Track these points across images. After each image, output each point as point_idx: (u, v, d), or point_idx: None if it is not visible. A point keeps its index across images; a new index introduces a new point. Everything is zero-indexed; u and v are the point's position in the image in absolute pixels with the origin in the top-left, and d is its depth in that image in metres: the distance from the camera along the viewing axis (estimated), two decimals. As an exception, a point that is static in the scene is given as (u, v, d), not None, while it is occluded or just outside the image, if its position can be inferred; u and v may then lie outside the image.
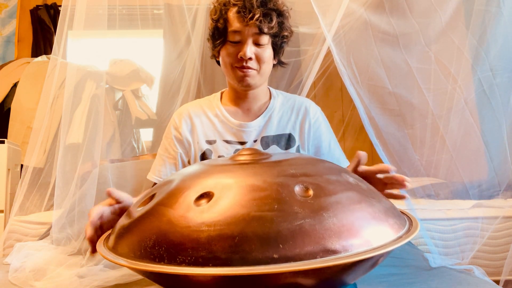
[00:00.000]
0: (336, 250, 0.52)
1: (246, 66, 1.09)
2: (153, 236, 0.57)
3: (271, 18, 1.07)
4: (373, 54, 1.82)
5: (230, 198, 0.57)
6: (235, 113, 1.21)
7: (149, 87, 2.33)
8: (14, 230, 1.63)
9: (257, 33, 1.08)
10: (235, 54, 1.09)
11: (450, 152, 1.63)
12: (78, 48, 2.30)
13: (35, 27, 2.66)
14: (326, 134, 1.25)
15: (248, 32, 1.08)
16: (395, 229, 0.60)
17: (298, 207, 0.55)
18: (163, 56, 2.25)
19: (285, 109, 1.23)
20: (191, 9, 2.11)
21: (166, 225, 0.57)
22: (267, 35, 1.09)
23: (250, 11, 1.05)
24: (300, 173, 0.63)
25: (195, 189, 0.62)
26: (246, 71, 1.10)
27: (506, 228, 1.56)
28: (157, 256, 0.54)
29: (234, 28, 1.08)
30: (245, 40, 1.08)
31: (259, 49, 1.09)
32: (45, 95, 1.80)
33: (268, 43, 1.11)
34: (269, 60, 1.13)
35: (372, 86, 1.79)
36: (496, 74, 1.61)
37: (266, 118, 1.20)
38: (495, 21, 1.62)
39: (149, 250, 0.55)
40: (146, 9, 2.23)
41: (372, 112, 1.68)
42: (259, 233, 0.52)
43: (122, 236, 0.64)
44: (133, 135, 2.22)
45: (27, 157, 1.71)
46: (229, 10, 1.10)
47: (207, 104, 1.24)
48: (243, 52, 1.07)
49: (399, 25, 1.77)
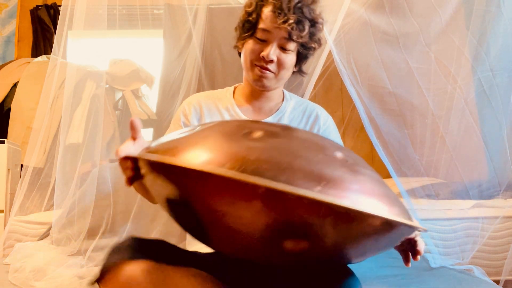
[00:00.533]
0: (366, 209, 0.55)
1: (265, 67, 1.07)
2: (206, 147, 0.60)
3: (303, 26, 1.04)
4: (373, 54, 1.82)
5: (278, 139, 0.63)
6: (246, 110, 1.19)
7: (149, 87, 2.33)
8: (14, 230, 1.63)
9: (286, 38, 1.05)
10: (258, 52, 1.07)
11: (450, 152, 1.63)
12: (78, 48, 2.30)
13: (35, 27, 2.66)
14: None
15: (276, 34, 1.05)
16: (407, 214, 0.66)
17: (339, 164, 0.61)
18: (163, 56, 2.24)
19: (296, 113, 1.21)
20: (191, 9, 2.11)
21: (219, 144, 0.62)
22: (295, 42, 1.06)
23: (285, 14, 1.02)
24: (335, 147, 0.69)
25: (244, 126, 0.68)
26: (264, 72, 1.08)
27: (506, 228, 1.56)
28: (208, 161, 0.57)
29: (264, 26, 1.06)
30: (271, 41, 1.06)
31: (283, 54, 1.07)
32: (45, 95, 1.80)
33: (293, 50, 1.09)
34: (290, 67, 1.11)
35: (372, 86, 1.79)
36: (496, 74, 1.61)
37: (276, 119, 1.19)
38: (495, 21, 1.62)
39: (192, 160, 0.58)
40: (146, 9, 2.23)
41: (372, 112, 1.69)
42: (305, 167, 0.56)
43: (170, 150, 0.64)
44: (133, 135, 2.22)
45: (27, 157, 1.71)
46: (264, 6, 1.06)
47: (219, 97, 1.22)
48: (266, 53, 1.05)
49: (399, 25, 1.77)
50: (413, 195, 1.65)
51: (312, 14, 1.06)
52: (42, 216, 1.70)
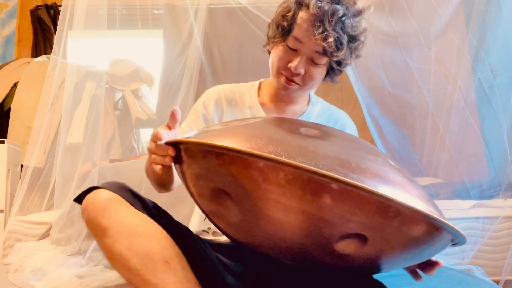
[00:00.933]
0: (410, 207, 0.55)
1: (291, 79, 0.99)
2: (265, 138, 0.58)
3: (342, 44, 0.91)
4: (373, 55, 1.82)
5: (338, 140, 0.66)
6: (270, 111, 1.11)
7: (149, 87, 2.33)
8: (14, 230, 1.62)
9: (319, 52, 0.94)
10: (287, 61, 0.97)
11: (450, 152, 1.63)
12: (78, 48, 2.30)
13: (35, 27, 2.66)
14: None
15: (309, 47, 0.94)
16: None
17: (396, 169, 0.63)
18: (163, 56, 2.25)
19: (322, 119, 1.14)
20: (191, 9, 2.11)
21: (280, 135, 0.62)
22: (328, 58, 0.96)
23: (325, 29, 0.90)
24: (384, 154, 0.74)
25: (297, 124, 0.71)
26: (290, 83, 0.99)
27: (506, 228, 1.55)
28: (273, 152, 0.55)
29: (298, 36, 0.95)
30: (302, 53, 0.95)
31: (312, 68, 0.97)
32: (45, 95, 1.80)
33: (325, 64, 0.98)
34: (318, 80, 1.02)
35: (372, 86, 1.78)
36: (496, 74, 1.61)
37: None
38: (495, 21, 1.62)
39: (262, 146, 0.56)
40: (146, 9, 2.23)
41: (372, 112, 1.69)
42: (373, 170, 0.57)
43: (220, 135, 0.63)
44: (133, 135, 2.22)
45: (27, 157, 1.71)
46: (301, 10, 0.94)
47: (242, 93, 1.14)
48: (294, 65, 0.95)
49: (399, 26, 1.77)
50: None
51: (354, 30, 0.94)
52: (42, 216, 1.70)
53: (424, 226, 0.55)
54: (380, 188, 0.52)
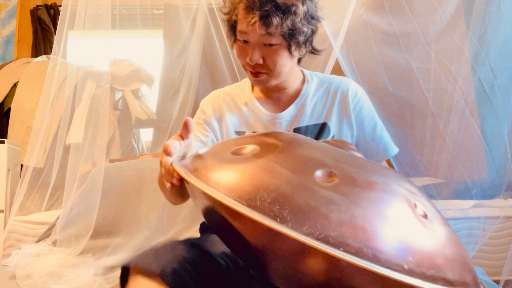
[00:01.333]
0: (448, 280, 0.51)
1: (255, 71, 0.99)
2: (272, 193, 0.52)
3: (270, 20, 0.91)
4: (373, 54, 1.82)
5: (358, 190, 0.54)
6: (266, 102, 1.10)
7: (149, 87, 2.33)
8: (14, 230, 1.62)
9: (264, 35, 0.93)
10: (244, 56, 0.98)
11: (451, 152, 1.62)
12: (78, 48, 2.30)
13: (35, 27, 2.66)
14: (368, 120, 1.11)
15: (254, 34, 0.94)
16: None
17: (420, 224, 0.55)
18: (163, 56, 2.24)
19: (320, 94, 1.10)
20: (191, 9, 2.11)
21: (289, 188, 0.53)
22: (276, 35, 0.94)
23: (254, 11, 0.91)
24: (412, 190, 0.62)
25: (315, 161, 0.59)
26: (257, 75, 1.00)
27: (507, 228, 1.55)
28: (279, 216, 0.49)
29: (241, 28, 0.96)
30: (252, 42, 0.96)
31: (269, 51, 0.96)
32: (45, 95, 1.80)
33: (279, 42, 0.96)
34: (282, 61, 0.98)
35: (372, 86, 1.78)
36: (497, 74, 1.61)
37: (298, 107, 1.09)
38: (495, 21, 1.61)
39: (268, 205, 0.51)
40: (146, 9, 2.23)
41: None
42: (392, 237, 0.50)
43: (225, 176, 0.57)
44: (133, 135, 2.22)
45: (27, 157, 1.71)
46: (238, 5, 0.96)
47: (237, 93, 1.14)
48: (249, 57, 0.96)
49: (399, 25, 1.77)
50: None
51: (283, 1, 0.92)
52: (42, 216, 1.70)
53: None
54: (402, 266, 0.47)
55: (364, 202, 0.53)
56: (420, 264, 0.49)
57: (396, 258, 0.48)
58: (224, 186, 0.55)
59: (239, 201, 0.52)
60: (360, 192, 0.54)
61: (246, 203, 0.52)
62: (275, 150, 0.62)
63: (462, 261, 0.56)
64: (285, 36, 0.95)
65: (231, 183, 0.55)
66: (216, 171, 0.59)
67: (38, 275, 1.17)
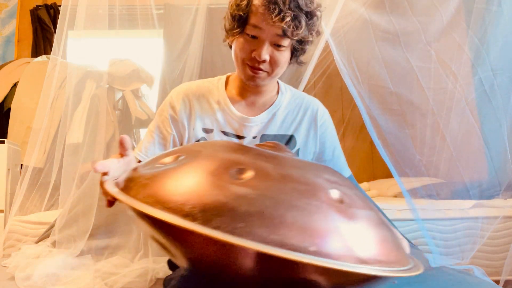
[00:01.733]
0: (363, 260, 0.54)
1: (257, 67, 0.99)
2: (186, 195, 0.56)
3: (300, 22, 0.93)
4: (373, 53, 1.82)
5: (270, 182, 0.58)
6: (239, 104, 1.11)
7: (149, 87, 2.33)
8: (14, 230, 1.63)
9: (279, 35, 0.95)
10: (250, 51, 0.98)
11: (451, 151, 1.62)
12: (78, 48, 2.30)
13: (35, 27, 2.66)
14: (330, 140, 1.18)
15: (269, 31, 0.95)
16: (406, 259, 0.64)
17: (334, 211, 0.57)
18: (163, 56, 2.24)
19: (292, 107, 1.14)
20: (191, 9, 2.11)
21: (202, 188, 0.57)
22: (290, 39, 0.97)
23: (280, 10, 0.91)
24: (333, 180, 0.65)
25: (233, 160, 0.63)
26: (257, 72, 1.00)
27: (506, 228, 1.55)
28: (190, 214, 0.53)
29: (256, 22, 0.95)
30: (264, 40, 0.96)
31: (276, 52, 0.98)
32: (45, 95, 1.80)
33: (288, 46, 0.99)
34: (285, 64, 1.02)
35: (373, 85, 1.78)
36: (497, 74, 1.60)
37: (270, 115, 1.12)
38: (496, 20, 1.61)
39: (180, 206, 0.54)
40: (146, 9, 2.22)
41: (372, 112, 1.68)
42: (298, 222, 0.53)
43: (147, 186, 0.61)
44: (133, 135, 2.22)
45: (27, 157, 1.71)
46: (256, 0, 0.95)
47: (210, 88, 1.14)
48: (258, 53, 0.96)
49: (400, 24, 1.76)
50: (414, 194, 1.64)
51: (309, 6, 0.95)
52: (42, 216, 1.70)
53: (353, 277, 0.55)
54: (308, 248, 0.50)
55: (275, 193, 0.56)
56: (328, 246, 0.53)
57: (302, 241, 0.51)
58: (145, 195, 0.58)
59: (153, 206, 0.55)
60: (272, 185, 0.58)
61: (161, 206, 0.55)
62: (199, 156, 0.66)
63: (382, 240, 0.60)
64: (297, 41, 0.98)
65: (153, 192, 0.59)
66: (140, 183, 0.62)
67: (38, 277, 1.17)
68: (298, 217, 0.53)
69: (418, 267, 0.66)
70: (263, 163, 0.63)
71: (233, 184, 0.57)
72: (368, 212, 0.62)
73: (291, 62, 1.06)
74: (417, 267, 0.65)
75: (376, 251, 0.57)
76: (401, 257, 0.62)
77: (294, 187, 0.59)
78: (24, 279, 1.19)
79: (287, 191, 0.57)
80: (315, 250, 0.51)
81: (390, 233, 0.64)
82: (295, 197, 0.56)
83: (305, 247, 0.51)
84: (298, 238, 0.51)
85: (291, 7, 0.92)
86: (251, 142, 1.10)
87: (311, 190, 0.59)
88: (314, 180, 0.62)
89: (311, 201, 0.57)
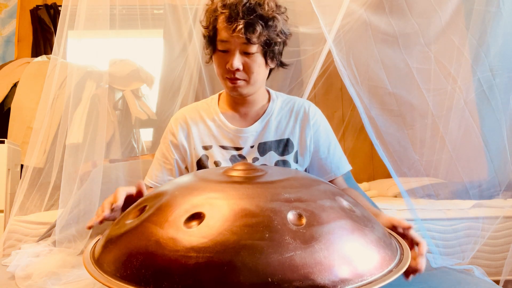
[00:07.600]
0: (325, 286, 0.52)
1: (234, 77, 1.06)
2: (141, 257, 0.56)
3: (254, 28, 1.01)
4: (373, 55, 1.82)
5: (221, 222, 0.56)
6: (232, 117, 1.19)
7: (149, 87, 2.33)
8: (14, 230, 1.62)
9: (245, 43, 1.03)
10: (224, 64, 1.06)
11: (450, 152, 1.63)
12: (78, 48, 2.30)
13: (35, 27, 2.66)
14: (324, 138, 1.22)
15: (234, 42, 1.03)
16: (386, 261, 0.61)
17: (290, 237, 0.55)
18: (163, 56, 2.25)
19: (284, 112, 1.20)
20: (191, 9, 2.11)
21: (155, 246, 0.56)
22: (255, 44, 1.04)
23: (236, 21, 1.00)
24: (294, 197, 0.62)
25: (185, 208, 0.61)
26: (235, 82, 1.07)
27: (506, 228, 1.56)
28: (143, 280, 0.53)
29: (222, 37, 1.05)
30: (233, 50, 1.04)
31: (248, 59, 1.05)
32: (45, 95, 1.80)
33: (257, 51, 1.06)
34: (259, 69, 1.08)
35: (372, 86, 1.79)
36: (496, 75, 1.61)
37: (263, 123, 1.18)
38: (495, 21, 1.62)
39: (136, 272, 0.55)
40: (146, 9, 2.23)
41: (372, 113, 1.69)
42: (249, 264, 0.51)
43: (109, 249, 0.63)
44: (133, 135, 2.22)
45: (27, 157, 1.71)
46: (218, 18, 1.05)
47: (204, 108, 1.22)
48: (230, 63, 1.04)
49: (399, 25, 1.77)
50: (413, 195, 1.65)
51: (264, 11, 1.02)
52: (42, 216, 1.70)
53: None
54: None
55: (225, 235, 0.54)
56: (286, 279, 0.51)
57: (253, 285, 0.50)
58: (109, 263, 0.60)
59: (115, 275, 0.57)
60: (222, 226, 0.56)
61: (120, 275, 0.56)
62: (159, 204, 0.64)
63: (355, 251, 0.57)
64: (263, 45, 1.05)
65: (113, 260, 0.60)
66: (107, 249, 0.63)
67: (38, 276, 1.16)
68: (248, 259, 0.52)
69: (405, 260, 0.64)
70: (218, 201, 0.61)
71: (185, 234, 0.56)
72: (336, 223, 0.60)
73: (269, 66, 1.12)
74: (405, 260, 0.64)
75: (344, 268, 0.54)
76: (382, 259, 0.60)
77: (245, 222, 0.56)
78: (24, 278, 1.18)
79: (237, 230, 0.55)
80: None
81: (363, 238, 0.61)
82: (245, 236, 0.54)
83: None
84: (248, 283, 0.50)
85: (245, 15, 1.00)
86: (249, 152, 1.17)
87: (265, 222, 0.56)
88: (269, 206, 0.59)
89: (264, 234, 0.54)
